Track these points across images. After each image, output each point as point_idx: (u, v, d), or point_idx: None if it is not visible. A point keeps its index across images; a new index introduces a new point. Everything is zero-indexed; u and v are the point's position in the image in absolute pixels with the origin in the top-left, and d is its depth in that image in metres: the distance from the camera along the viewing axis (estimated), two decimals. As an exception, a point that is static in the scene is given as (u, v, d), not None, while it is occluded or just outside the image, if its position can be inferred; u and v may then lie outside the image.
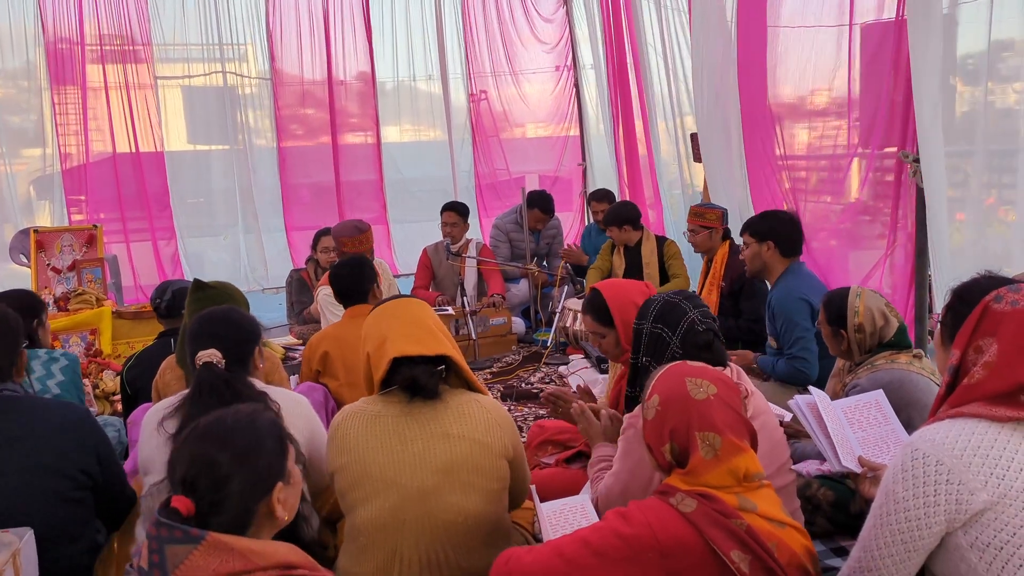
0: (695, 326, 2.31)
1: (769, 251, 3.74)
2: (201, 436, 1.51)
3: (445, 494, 2.07)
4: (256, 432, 1.52)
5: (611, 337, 2.81)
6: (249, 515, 1.47)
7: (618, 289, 2.85)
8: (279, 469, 1.52)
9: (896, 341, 2.82)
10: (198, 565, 1.36)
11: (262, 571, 1.40)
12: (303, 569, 1.46)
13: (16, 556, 1.94)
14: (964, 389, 1.61)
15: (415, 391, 2.11)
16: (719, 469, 1.64)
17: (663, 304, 2.40)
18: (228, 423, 1.53)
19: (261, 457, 1.50)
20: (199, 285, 2.89)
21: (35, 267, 5.27)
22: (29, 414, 2.25)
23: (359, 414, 2.15)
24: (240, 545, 1.40)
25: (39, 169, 7.05)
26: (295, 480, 1.57)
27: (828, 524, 2.74)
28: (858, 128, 4.30)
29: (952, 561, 1.56)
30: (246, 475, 1.47)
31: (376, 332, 2.20)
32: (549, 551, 1.66)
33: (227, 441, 1.49)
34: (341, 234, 4.79)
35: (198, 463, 1.46)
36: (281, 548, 1.47)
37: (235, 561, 1.38)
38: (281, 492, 1.51)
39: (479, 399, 2.20)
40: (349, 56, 7.71)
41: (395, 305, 2.28)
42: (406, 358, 2.10)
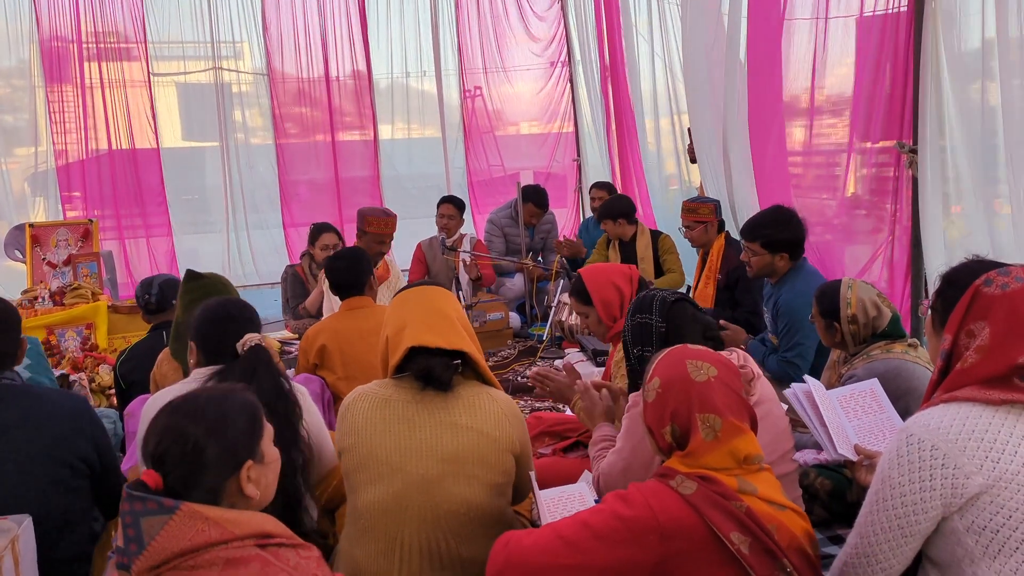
0: (666, 300, 2.38)
1: (782, 261, 3.68)
2: (173, 410, 1.51)
3: (449, 484, 2.06)
4: (226, 408, 1.52)
5: (593, 315, 3.01)
6: (218, 491, 1.46)
7: (598, 271, 3.11)
8: (249, 446, 1.51)
9: (890, 331, 2.83)
10: (174, 535, 1.36)
11: (239, 540, 1.40)
12: (280, 538, 1.46)
13: (15, 543, 1.94)
14: (957, 374, 1.61)
15: (428, 381, 2.10)
16: (719, 451, 1.64)
17: (635, 300, 2.48)
18: (201, 399, 1.53)
19: (230, 433, 1.49)
20: (193, 275, 2.88)
21: (30, 262, 5.26)
22: (28, 403, 2.25)
23: (370, 396, 2.14)
24: (214, 514, 1.40)
25: (33, 167, 7.04)
26: (268, 460, 1.56)
27: (825, 513, 2.75)
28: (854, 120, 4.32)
29: (948, 545, 1.57)
30: (215, 448, 1.46)
31: (397, 317, 2.19)
32: (549, 533, 1.66)
33: (197, 414, 1.49)
34: (369, 213, 4.96)
35: (169, 436, 1.46)
36: (257, 517, 1.46)
37: (211, 530, 1.38)
38: (251, 470, 1.50)
39: (491, 392, 2.18)
40: (345, 53, 7.71)
41: (420, 292, 2.26)
42: (423, 348, 2.09)
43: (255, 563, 1.39)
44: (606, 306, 2.98)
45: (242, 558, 1.39)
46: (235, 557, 1.38)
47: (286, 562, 1.42)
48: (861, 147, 4.32)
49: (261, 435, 1.56)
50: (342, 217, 7.66)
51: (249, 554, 1.40)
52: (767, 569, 1.59)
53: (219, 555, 1.38)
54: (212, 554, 1.37)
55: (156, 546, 1.36)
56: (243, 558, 1.39)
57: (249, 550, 1.40)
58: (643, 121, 6.95)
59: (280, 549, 1.44)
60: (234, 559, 1.38)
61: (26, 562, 1.99)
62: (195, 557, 1.37)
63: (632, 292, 2.98)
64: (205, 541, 1.37)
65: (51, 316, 4.76)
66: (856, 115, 4.25)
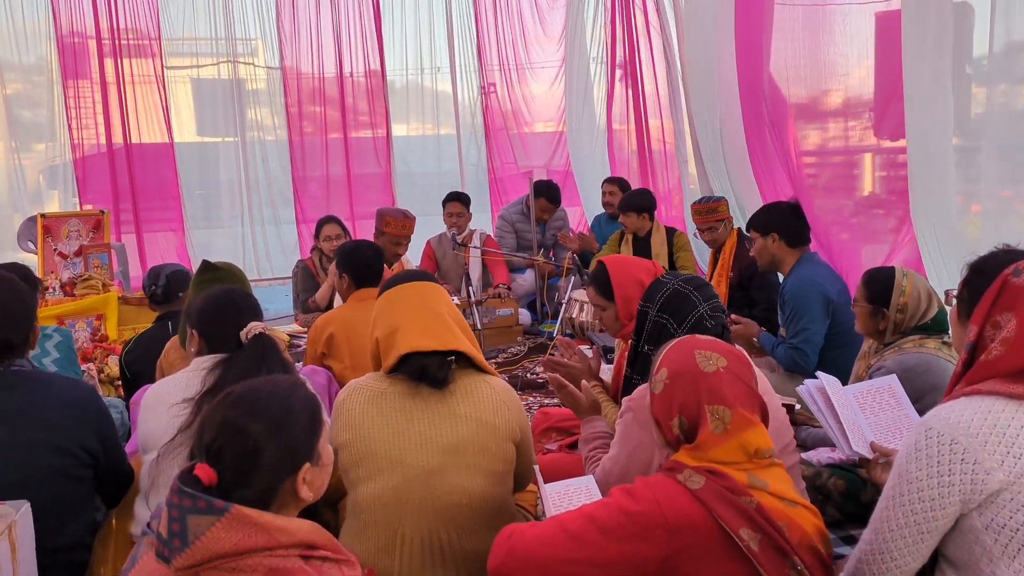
0: (703, 321, 2.26)
1: (775, 243, 3.71)
2: (235, 403, 1.44)
3: (450, 475, 2.03)
4: (291, 406, 1.46)
5: (611, 311, 2.82)
6: (272, 492, 1.42)
7: (623, 264, 2.86)
8: (309, 448, 1.46)
9: (930, 325, 2.79)
10: (220, 537, 1.32)
11: (284, 549, 1.36)
12: (325, 550, 1.42)
13: (12, 528, 1.91)
14: (981, 366, 1.56)
15: (423, 379, 2.07)
16: (729, 444, 1.60)
17: (672, 294, 2.33)
18: (264, 393, 1.46)
19: (292, 433, 1.43)
20: (208, 266, 2.87)
21: (42, 252, 5.28)
22: (35, 389, 2.24)
23: (364, 390, 2.11)
24: (264, 520, 1.35)
25: (49, 161, 7.10)
26: (324, 462, 1.51)
27: (839, 514, 2.71)
28: (871, 120, 4.26)
29: (966, 543, 1.52)
30: (275, 450, 1.41)
31: (387, 318, 2.14)
32: (553, 526, 1.62)
33: (261, 411, 1.42)
34: (388, 213, 4.95)
35: (228, 431, 1.40)
36: (304, 526, 1.42)
37: (257, 536, 1.34)
38: (308, 472, 1.45)
39: (488, 380, 2.15)
40: (359, 51, 7.72)
41: (409, 290, 2.20)
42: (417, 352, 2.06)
43: (297, 574, 1.35)
44: (627, 303, 2.79)
45: (284, 568, 1.35)
46: (278, 567, 1.34)
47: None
48: (879, 145, 4.26)
49: (320, 434, 1.50)
50: (354, 214, 7.68)
51: (293, 565, 1.36)
52: (777, 567, 1.54)
53: (262, 562, 1.34)
54: (255, 560, 1.34)
55: (200, 546, 1.31)
56: (285, 568, 1.35)
57: (293, 560, 1.36)
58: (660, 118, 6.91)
59: (324, 564, 1.40)
60: (277, 568, 1.34)
61: (23, 549, 1.96)
62: (237, 560, 1.33)
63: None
64: (251, 546, 1.33)
65: (62, 307, 4.77)
66: (875, 113, 4.19)
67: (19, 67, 6.95)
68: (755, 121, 4.79)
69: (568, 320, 5.05)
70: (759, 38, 4.64)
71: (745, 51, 4.74)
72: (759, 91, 4.71)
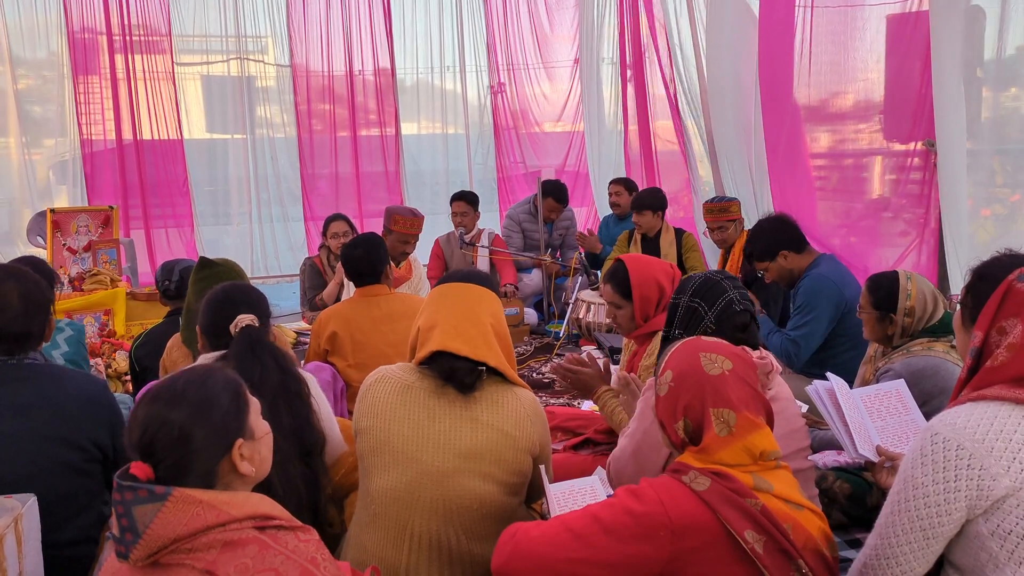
0: (733, 305, 2.27)
1: (787, 259, 3.69)
2: (153, 398, 1.46)
3: (463, 479, 2.03)
4: (208, 388, 1.47)
5: (627, 310, 2.79)
6: (212, 474, 1.43)
7: (643, 264, 2.84)
8: (238, 424, 1.48)
9: (937, 327, 2.77)
10: (168, 521, 1.33)
11: (237, 522, 1.37)
12: (279, 520, 1.43)
13: (18, 521, 1.92)
14: (987, 371, 1.55)
15: (450, 381, 2.06)
16: (734, 446, 1.59)
17: (704, 280, 2.35)
18: (179, 383, 1.48)
19: (216, 413, 1.45)
20: (205, 263, 2.86)
21: (51, 247, 5.30)
22: (48, 383, 2.24)
23: (392, 380, 2.11)
24: (208, 497, 1.37)
25: (59, 156, 7.12)
26: (259, 434, 1.53)
27: (844, 517, 2.70)
28: (882, 122, 4.25)
29: (972, 550, 1.51)
30: (203, 432, 1.42)
31: (433, 311, 2.14)
32: (558, 525, 1.62)
33: (179, 400, 1.44)
34: (397, 212, 4.93)
35: (153, 425, 1.42)
36: (252, 498, 1.44)
37: (207, 513, 1.35)
38: (243, 447, 1.47)
39: (516, 391, 2.13)
40: (368, 50, 7.73)
41: (460, 290, 2.19)
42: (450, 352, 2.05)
43: (253, 545, 1.37)
44: (644, 303, 2.79)
45: (240, 540, 1.36)
46: (233, 539, 1.36)
47: (284, 544, 1.39)
48: (889, 148, 4.24)
49: (247, 410, 1.52)
50: (362, 212, 7.69)
51: (247, 536, 1.37)
52: (782, 569, 1.54)
53: (217, 537, 1.35)
54: (210, 536, 1.35)
55: (152, 534, 1.33)
56: (241, 540, 1.36)
57: (247, 532, 1.38)
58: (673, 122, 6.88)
59: (279, 532, 1.41)
60: (232, 541, 1.36)
61: (30, 542, 1.97)
62: (193, 540, 1.35)
63: (672, 292, 2.86)
64: (202, 525, 1.35)
65: (70, 301, 4.79)
66: (886, 116, 4.17)
67: (30, 62, 6.98)
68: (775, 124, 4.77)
69: (575, 320, 5.04)
70: (781, 41, 4.62)
71: (768, 54, 4.72)
72: (780, 94, 4.69)
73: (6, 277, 2.26)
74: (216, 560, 1.34)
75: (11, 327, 2.22)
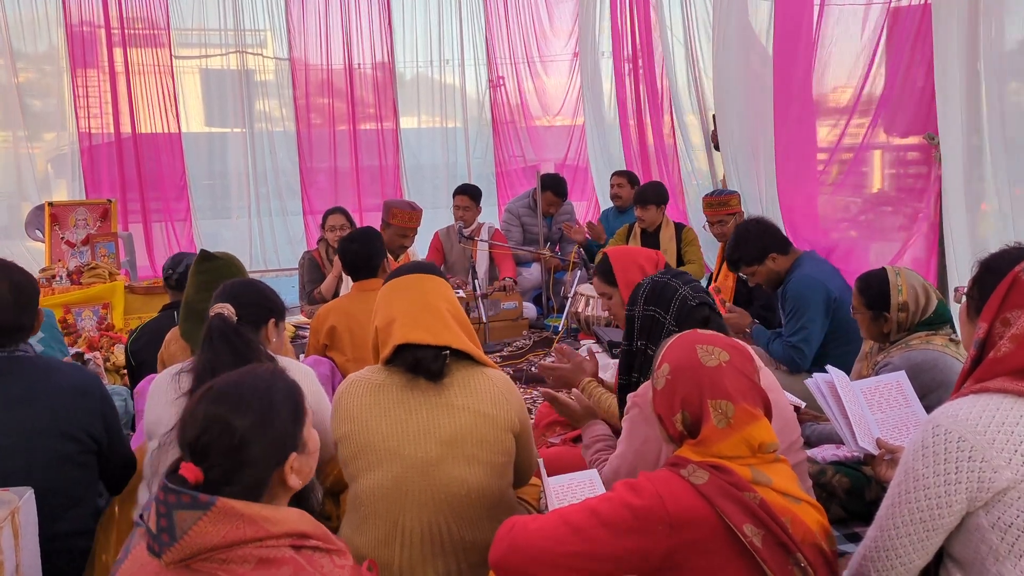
0: (687, 302, 2.29)
1: (775, 261, 3.69)
2: (216, 399, 1.43)
3: (448, 466, 2.03)
4: (273, 398, 1.45)
5: (616, 298, 2.87)
6: (262, 485, 1.41)
7: (623, 251, 2.96)
8: (294, 438, 1.46)
9: (934, 319, 2.77)
10: (207, 531, 1.32)
11: (274, 539, 1.35)
12: (315, 540, 1.41)
13: (15, 515, 1.92)
14: (990, 363, 1.54)
15: (417, 372, 2.07)
16: (732, 438, 1.58)
17: (651, 285, 2.38)
18: (246, 386, 1.45)
19: (277, 425, 1.43)
20: (205, 256, 2.86)
21: (49, 240, 5.30)
22: (40, 375, 2.24)
23: (363, 382, 2.12)
24: (251, 512, 1.35)
25: (58, 150, 7.11)
26: (310, 449, 1.51)
27: (843, 511, 2.70)
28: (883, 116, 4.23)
29: (972, 542, 1.50)
30: (262, 443, 1.40)
31: (386, 309, 2.15)
32: (556, 519, 1.61)
33: (244, 406, 1.41)
34: (395, 205, 4.97)
35: (213, 428, 1.39)
36: (292, 515, 1.41)
37: (246, 528, 1.34)
38: (295, 461, 1.45)
39: (487, 372, 2.15)
40: (367, 44, 7.72)
41: (410, 282, 2.20)
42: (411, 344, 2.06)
43: (288, 566, 1.35)
44: (629, 287, 2.78)
45: (275, 559, 1.35)
46: (268, 557, 1.34)
47: (319, 568, 1.38)
48: (889, 142, 4.23)
49: (304, 423, 1.50)
50: (361, 205, 7.69)
51: (283, 555, 1.36)
52: (780, 563, 1.53)
53: (252, 552, 1.34)
54: (246, 551, 1.34)
55: (188, 540, 1.32)
56: (277, 559, 1.35)
57: (283, 551, 1.36)
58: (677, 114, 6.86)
59: (315, 554, 1.40)
60: (267, 559, 1.34)
61: (27, 535, 1.97)
62: (228, 552, 1.33)
63: None
64: (239, 538, 1.33)
65: (68, 295, 4.78)
66: (886, 110, 4.15)
67: (30, 56, 6.97)
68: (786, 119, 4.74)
69: (574, 314, 5.03)
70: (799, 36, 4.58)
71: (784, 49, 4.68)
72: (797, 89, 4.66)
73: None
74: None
75: (3, 319, 2.21)
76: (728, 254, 3.83)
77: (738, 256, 3.74)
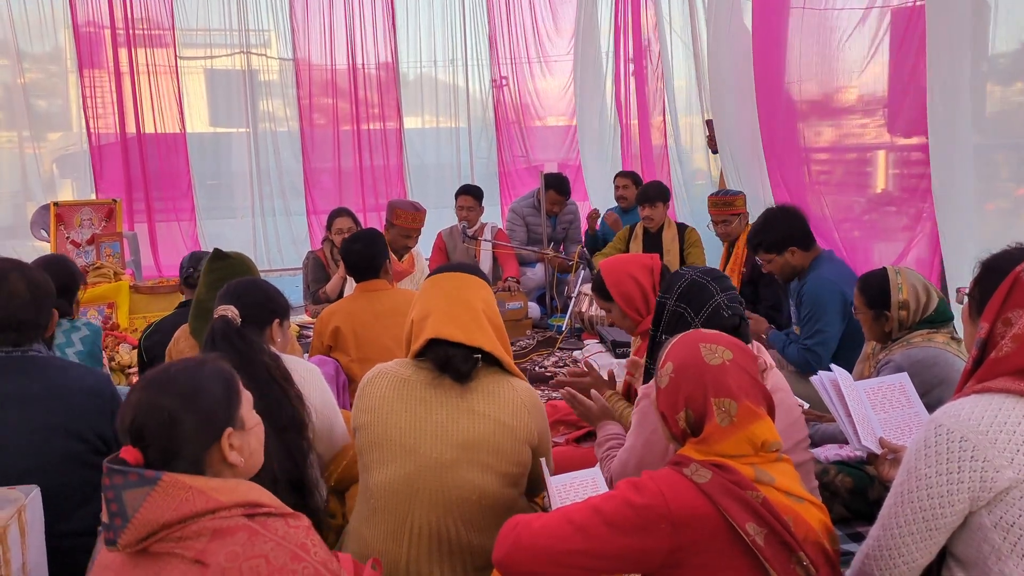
0: (720, 311, 2.25)
1: (794, 255, 3.66)
2: (146, 385, 1.47)
3: (462, 470, 2.03)
4: (199, 377, 1.49)
5: (616, 311, 2.90)
6: (200, 461, 1.44)
7: (614, 263, 2.96)
8: (227, 414, 1.49)
9: (935, 317, 2.76)
10: (158, 506, 1.34)
11: (226, 509, 1.37)
12: (268, 507, 1.43)
13: (21, 512, 1.92)
14: (991, 363, 1.54)
15: (446, 370, 2.07)
16: (736, 436, 1.59)
17: (690, 283, 2.33)
18: (172, 370, 1.50)
19: (206, 401, 1.46)
20: (219, 255, 2.90)
21: (54, 240, 5.31)
22: (50, 375, 2.25)
23: (389, 375, 2.12)
24: (198, 483, 1.37)
25: (63, 150, 7.13)
26: (249, 426, 1.53)
27: (845, 511, 2.70)
28: (885, 117, 4.23)
29: (975, 541, 1.51)
30: (192, 418, 1.43)
31: (424, 302, 2.16)
32: (559, 517, 1.62)
33: (170, 386, 1.45)
34: (399, 206, 4.97)
35: (143, 410, 1.43)
36: (242, 485, 1.44)
37: (196, 499, 1.35)
38: (232, 437, 1.47)
39: (512, 382, 2.14)
40: (371, 44, 7.73)
41: (451, 279, 2.21)
42: (444, 340, 2.06)
43: (242, 532, 1.37)
44: (627, 300, 2.88)
45: (229, 528, 1.36)
46: (222, 527, 1.36)
47: (274, 532, 1.39)
48: (893, 143, 4.23)
49: (239, 402, 1.53)
50: (365, 206, 7.69)
51: (236, 524, 1.37)
52: (783, 562, 1.54)
53: (206, 525, 1.36)
54: (200, 524, 1.35)
55: (140, 518, 1.34)
56: (230, 528, 1.36)
57: (237, 520, 1.38)
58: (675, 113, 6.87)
59: (268, 519, 1.41)
60: (221, 529, 1.36)
61: (33, 533, 1.97)
62: (182, 528, 1.35)
63: (654, 283, 2.89)
64: (191, 511, 1.35)
65: (73, 295, 4.78)
66: (890, 110, 4.15)
67: (35, 56, 6.99)
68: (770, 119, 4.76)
69: (577, 314, 5.04)
70: (776, 37, 4.60)
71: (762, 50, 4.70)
72: (771, 88, 4.68)
73: (11, 268, 2.28)
74: (206, 549, 1.34)
75: (20, 314, 2.23)
76: (750, 236, 3.80)
77: (758, 241, 3.71)
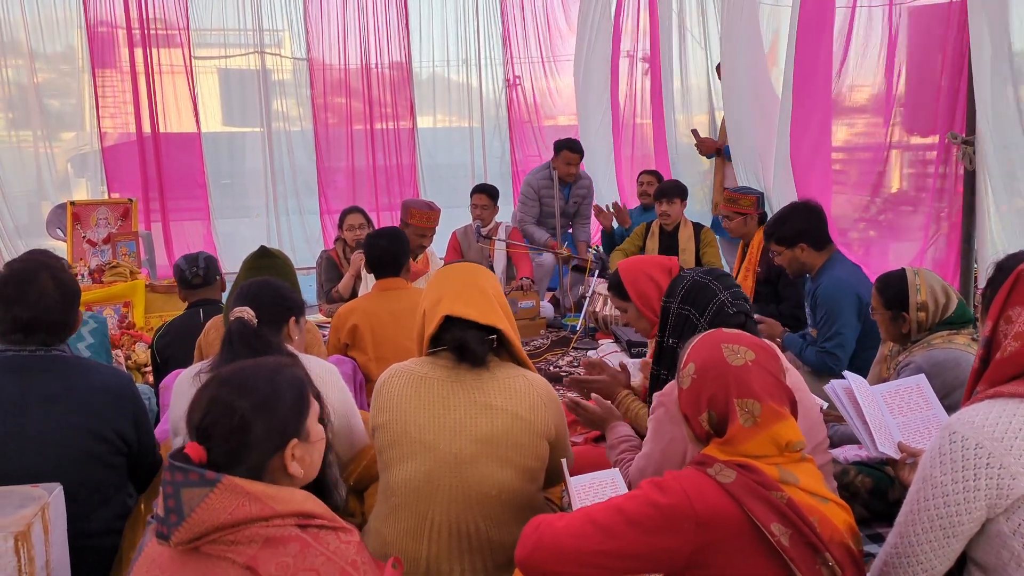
0: (725, 308, 2.26)
1: (804, 252, 3.64)
2: (221, 383, 1.48)
3: (481, 465, 2.04)
4: (276, 384, 1.49)
5: (632, 311, 2.85)
6: (261, 468, 1.44)
7: (633, 263, 2.92)
8: (296, 424, 1.49)
9: (955, 319, 2.75)
10: (214, 507, 1.34)
11: (280, 518, 1.38)
12: (321, 519, 1.43)
13: (45, 510, 1.93)
14: (998, 363, 1.53)
15: (462, 354, 2.08)
16: (759, 437, 1.58)
17: (692, 284, 2.35)
18: (250, 373, 1.50)
19: (279, 409, 1.46)
20: (265, 251, 2.95)
21: (70, 239, 5.34)
22: (75, 374, 2.26)
23: (406, 373, 2.13)
24: (256, 489, 1.37)
25: (77, 150, 7.16)
26: (314, 439, 1.53)
27: (866, 512, 2.69)
28: (902, 116, 4.20)
29: (994, 548, 1.49)
30: (263, 426, 1.43)
31: (435, 290, 2.18)
32: (581, 517, 1.61)
33: (247, 390, 1.45)
34: (413, 205, 4.98)
35: (216, 409, 1.43)
36: (298, 495, 1.44)
37: (251, 505, 1.36)
38: (296, 448, 1.48)
39: (528, 375, 2.15)
40: (384, 44, 7.74)
41: (460, 267, 2.25)
42: (459, 320, 2.07)
43: (294, 544, 1.37)
44: (643, 300, 2.83)
45: (282, 537, 1.37)
46: (275, 536, 1.36)
47: (326, 545, 1.39)
48: (909, 142, 4.20)
49: (308, 413, 1.53)
50: (378, 205, 7.71)
51: (289, 534, 1.38)
52: (808, 563, 1.53)
53: (259, 532, 1.36)
54: (252, 530, 1.36)
55: (195, 518, 1.34)
56: (283, 537, 1.37)
57: (290, 530, 1.38)
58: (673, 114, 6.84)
59: (321, 531, 1.42)
60: (274, 538, 1.36)
61: (56, 531, 1.98)
62: (235, 532, 1.35)
63: None
64: (245, 516, 1.35)
65: (90, 293, 4.81)
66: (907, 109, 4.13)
67: (49, 56, 7.02)
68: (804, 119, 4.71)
69: (591, 314, 5.04)
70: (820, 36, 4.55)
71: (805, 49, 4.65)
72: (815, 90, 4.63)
73: (40, 268, 2.28)
74: (257, 556, 1.35)
75: (50, 316, 2.24)
76: (767, 226, 3.80)
77: (772, 231, 3.72)
